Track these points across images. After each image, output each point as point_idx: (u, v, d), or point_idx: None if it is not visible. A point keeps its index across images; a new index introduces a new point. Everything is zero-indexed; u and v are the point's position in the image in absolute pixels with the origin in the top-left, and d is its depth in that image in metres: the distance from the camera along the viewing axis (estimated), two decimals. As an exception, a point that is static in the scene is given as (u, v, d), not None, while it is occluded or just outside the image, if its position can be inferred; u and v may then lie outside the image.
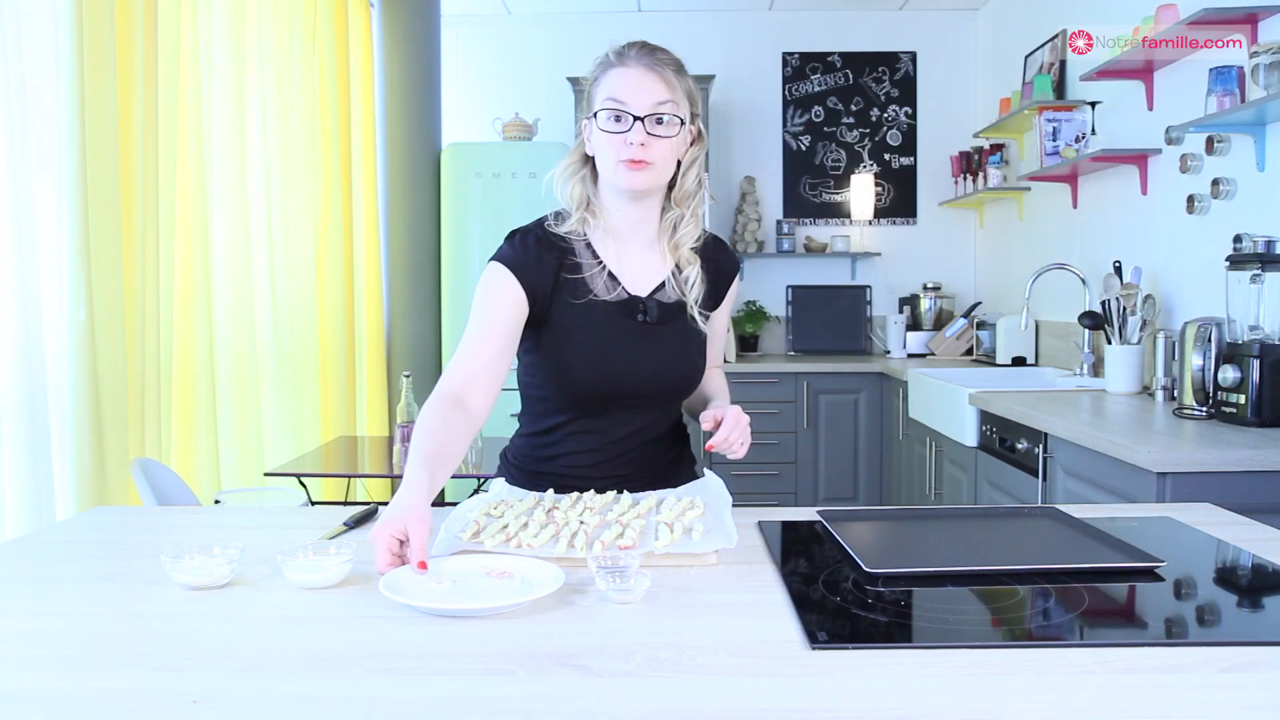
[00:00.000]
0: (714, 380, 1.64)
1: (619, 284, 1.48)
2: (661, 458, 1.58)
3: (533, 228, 1.49)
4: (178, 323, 2.75)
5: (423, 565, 1.06)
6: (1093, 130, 3.45)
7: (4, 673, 0.86)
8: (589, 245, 1.49)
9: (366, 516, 1.41)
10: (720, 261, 1.59)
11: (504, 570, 1.10)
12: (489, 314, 1.42)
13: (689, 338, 1.52)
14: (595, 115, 1.42)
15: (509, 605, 1.00)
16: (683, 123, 1.42)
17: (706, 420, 1.44)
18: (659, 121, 1.39)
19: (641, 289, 1.50)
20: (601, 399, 1.49)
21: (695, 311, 1.50)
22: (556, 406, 1.52)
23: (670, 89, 1.40)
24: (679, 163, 1.47)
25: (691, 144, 1.48)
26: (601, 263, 1.48)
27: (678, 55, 1.46)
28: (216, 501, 2.83)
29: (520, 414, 1.60)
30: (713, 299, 1.57)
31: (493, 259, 1.46)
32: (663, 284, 1.51)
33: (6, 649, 0.92)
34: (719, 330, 1.64)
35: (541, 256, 1.44)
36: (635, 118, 1.38)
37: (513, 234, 1.49)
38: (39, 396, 2.19)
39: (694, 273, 1.50)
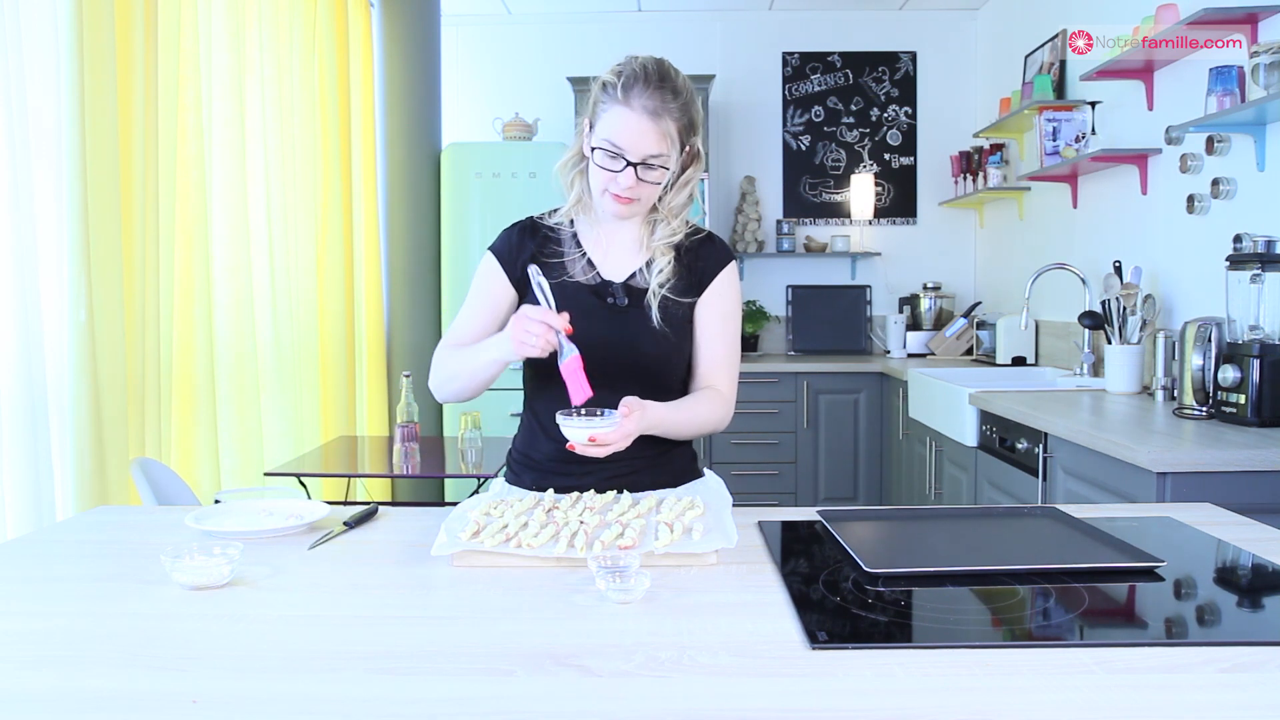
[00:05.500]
0: (699, 400, 1.54)
1: (595, 269, 1.55)
2: (646, 449, 1.54)
3: (525, 220, 1.62)
4: (178, 323, 2.75)
5: (569, 330, 1.32)
6: (1093, 130, 3.45)
7: (4, 673, 0.86)
8: (575, 235, 1.58)
9: (366, 516, 1.42)
10: (705, 250, 1.58)
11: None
12: (475, 293, 1.60)
13: (662, 323, 1.51)
14: (594, 150, 1.46)
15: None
16: (671, 167, 1.48)
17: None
18: (649, 167, 1.45)
19: (616, 275, 1.55)
20: None
21: (654, 299, 1.50)
22: (535, 388, 1.59)
23: (665, 141, 1.44)
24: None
25: (689, 165, 1.52)
26: (583, 250, 1.56)
27: (686, 77, 1.49)
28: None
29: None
30: (693, 284, 1.55)
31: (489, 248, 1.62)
32: (635, 274, 1.55)
33: (6, 649, 0.92)
34: (708, 325, 1.56)
35: (523, 242, 1.58)
36: (628, 162, 1.44)
37: (509, 226, 1.62)
38: (39, 396, 2.19)
39: (665, 263, 1.53)
